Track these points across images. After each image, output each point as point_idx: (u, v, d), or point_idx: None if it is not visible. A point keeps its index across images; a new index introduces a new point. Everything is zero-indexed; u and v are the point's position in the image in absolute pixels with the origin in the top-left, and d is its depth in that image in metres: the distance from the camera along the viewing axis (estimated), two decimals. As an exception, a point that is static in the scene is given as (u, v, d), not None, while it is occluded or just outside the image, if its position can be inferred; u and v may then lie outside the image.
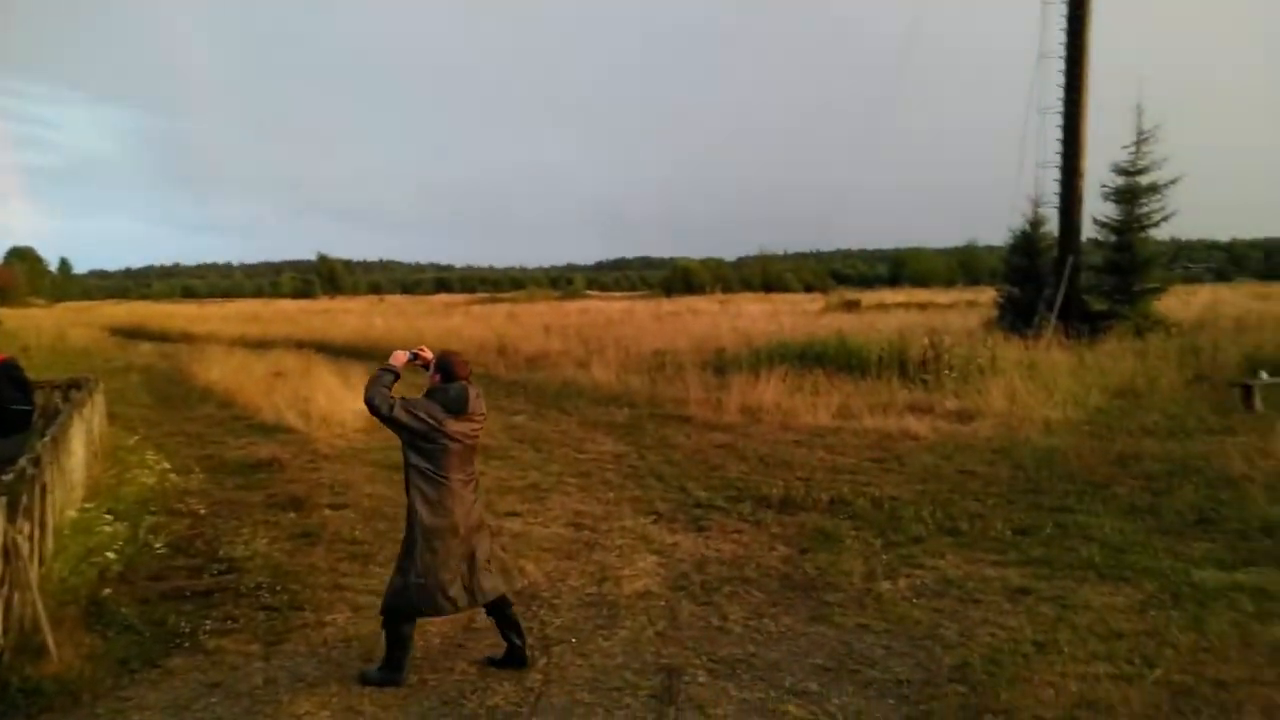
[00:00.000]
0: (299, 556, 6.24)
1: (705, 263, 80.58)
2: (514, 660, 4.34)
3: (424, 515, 4.10)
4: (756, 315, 29.99)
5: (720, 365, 15.36)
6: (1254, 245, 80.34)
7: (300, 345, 21.07)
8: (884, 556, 5.97)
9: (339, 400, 12.38)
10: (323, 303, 66.10)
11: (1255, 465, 7.68)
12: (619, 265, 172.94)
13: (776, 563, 5.95)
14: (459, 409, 4.15)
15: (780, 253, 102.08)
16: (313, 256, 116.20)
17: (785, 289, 67.12)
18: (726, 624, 4.91)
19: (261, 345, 23.73)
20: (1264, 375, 11.47)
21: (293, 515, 7.34)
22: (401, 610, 4.15)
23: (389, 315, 36.76)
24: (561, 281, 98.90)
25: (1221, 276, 60.06)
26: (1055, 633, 4.59)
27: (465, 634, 4.82)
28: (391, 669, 4.22)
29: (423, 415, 4.07)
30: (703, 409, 12.05)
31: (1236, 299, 30.91)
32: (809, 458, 9.21)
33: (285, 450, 9.99)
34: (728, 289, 63.65)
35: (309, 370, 15.43)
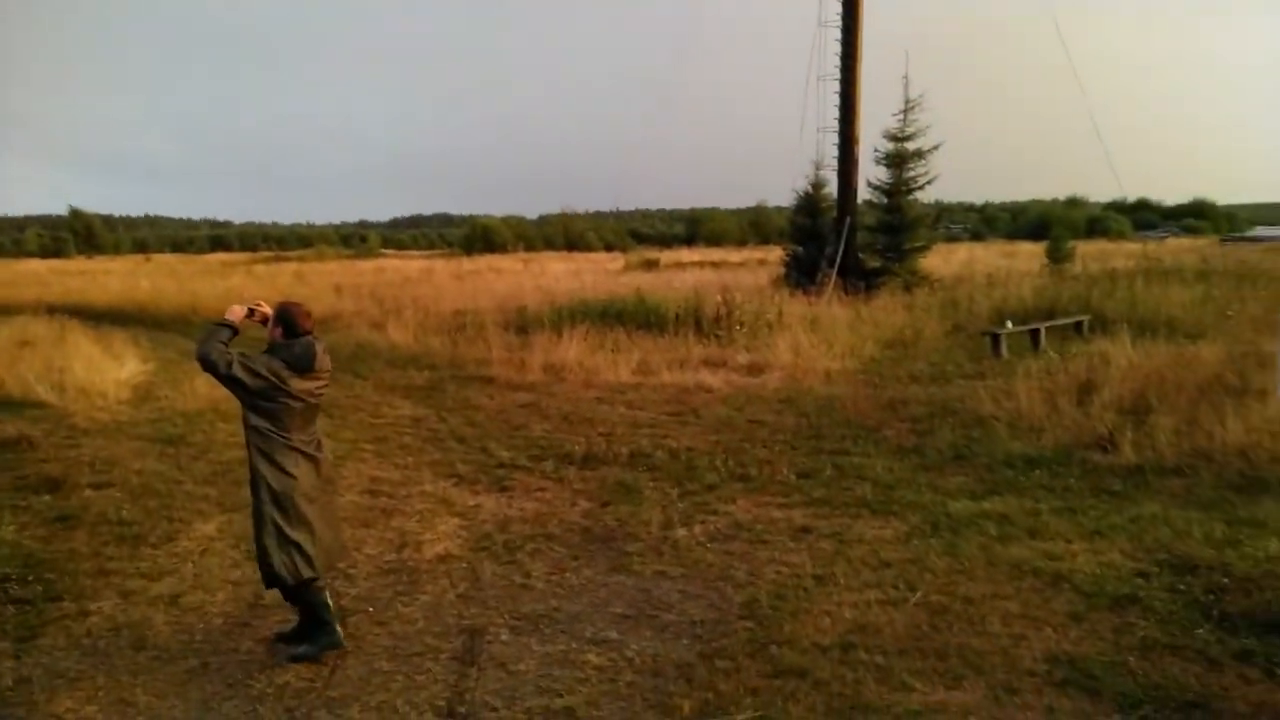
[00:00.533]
0: (56, 543, 5.65)
1: (507, 221, 79.36)
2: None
3: (270, 479, 3.83)
4: (559, 274, 30.03)
5: (523, 325, 15.28)
6: (1003, 207, 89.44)
7: (53, 310, 18.84)
8: (680, 505, 6.21)
9: (101, 369, 11.26)
10: (79, 262, 59.41)
11: (1001, 406, 8.60)
12: (416, 223, 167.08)
13: (578, 517, 6.04)
14: (305, 366, 3.88)
15: (582, 212, 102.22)
16: (64, 211, 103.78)
17: (588, 248, 67.47)
18: (529, 581, 4.95)
19: (2, 311, 21.07)
20: (1009, 324, 12.84)
21: (47, 498, 6.63)
22: (283, 579, 3.88)
23: (157, 276, 33.66)
24: (355, 239, 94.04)
25: (976, 236, 66.45)
26: (833, 566, 4.97)
27: (250, 612, 4.57)
28: (321, 634, 4.00)
29: (264, 373, 3.77)
30: (505, 369, 11.95)
31: (988, 256, 34.34)
32: (610, 414, 9.38)
33: (36, 427, 8.97)
34: (530, 248, 63.16)
35: (63, 338, 13.87)
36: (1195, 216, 78.39)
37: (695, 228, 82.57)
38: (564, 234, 75.09)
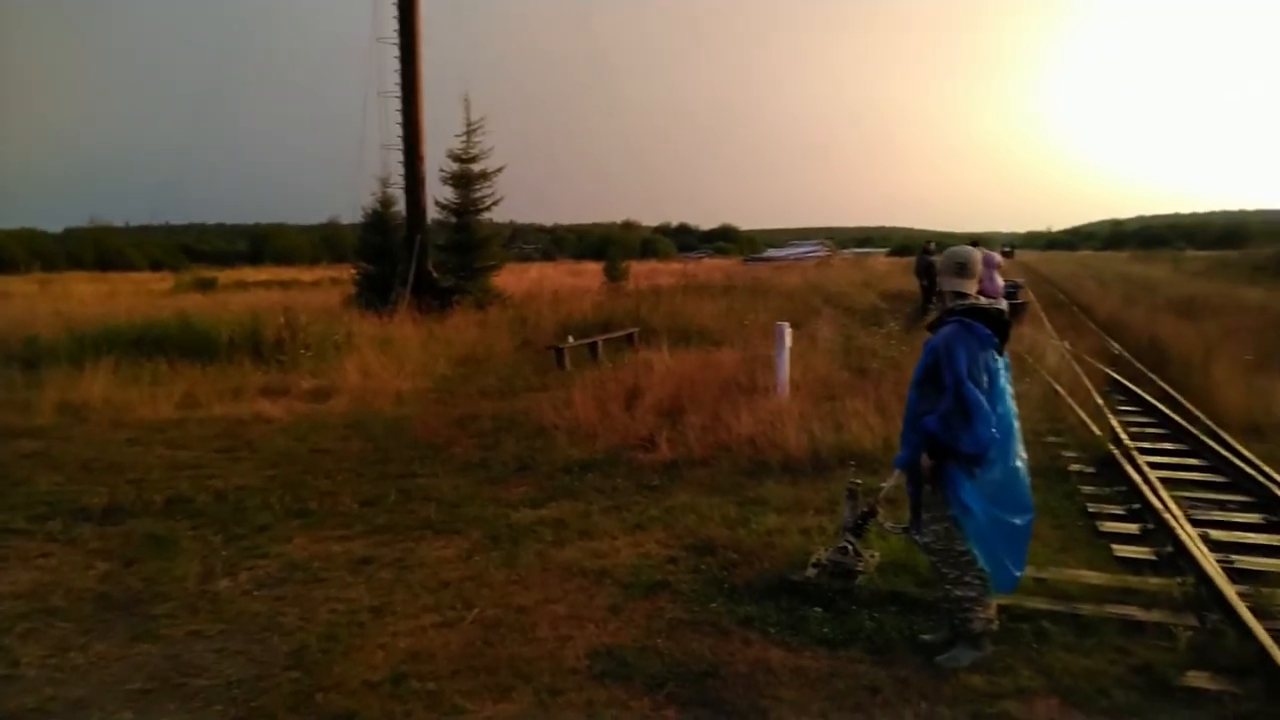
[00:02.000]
0: None
1: (17, 234, 66.48)
2: None
3: None
4: (88, 297, 25.90)
5: (31, 358, 12.84)
6: (571, 229, 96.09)
7: None
8: (224, 552, 5.59)
9: None
10: None
11: (562, 415, 9.10)
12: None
13: (93, 583, 5.15)
14: None
15: (120, 225, 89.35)
16: None
17: (129, 266, 59.11)
18: (17, 670, 4.08)
19: None
20: (570, 339, 13.72)
21: None
22: None
23: None
24: None
25: (547, 256, 70.40)
26: (391, 595, 4.81)
27: None
28: None
29: None
30: (5, 412, 9.93)
31: (557, 275, 36.55)
32: (145, 456, 8.22)
33: None
34: (50, 267, 53.58)
35: None
36: (725, 239, 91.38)
37: (262, 244, 76.70)
38: (95, 250, 64.94)
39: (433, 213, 20.84)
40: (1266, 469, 6.64)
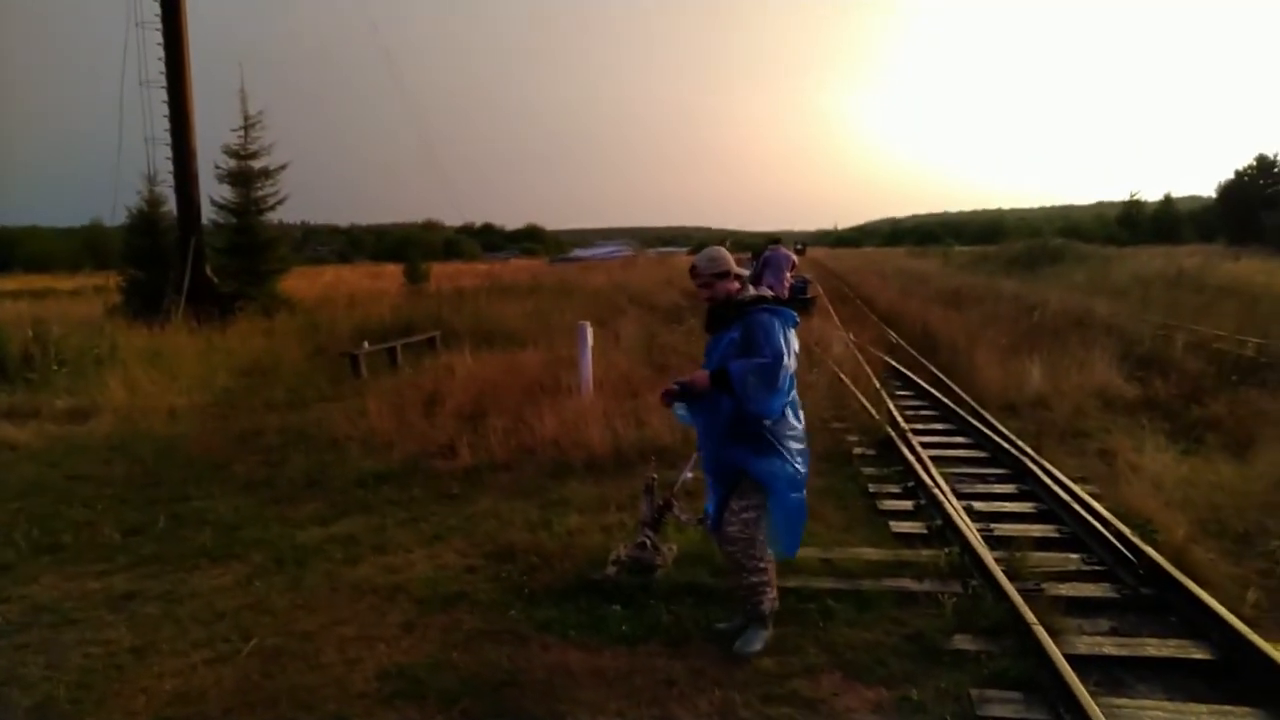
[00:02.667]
0: None
1: None
2: None
3: None
4: None
5: None
6: (369, 230, 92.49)
7: None
8: (-50, 602, 4.88)
9: None
10: None
11: (356, 426, 8.67)
12: None
13: None
14: None
15: None
16: None
17: None
18: None
19: None
20: (366, 345, 13.12)
21: None
22: None
23: None
24: None
25: (344, 258, 67.32)
26: (157, 632, 4.36)
27: None
28: None
29: None
30: None
31: (355, 278, 35.00)
32: None
33: None
34: None
35: None
36: (532, 240, 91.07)
37: (10, 250, 68.38)
38: None
39: (210, 213, 19.34)
40: (1020, 443, 7.34)
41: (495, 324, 15.99)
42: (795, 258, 18.59)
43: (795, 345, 3.83)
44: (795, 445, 3.87)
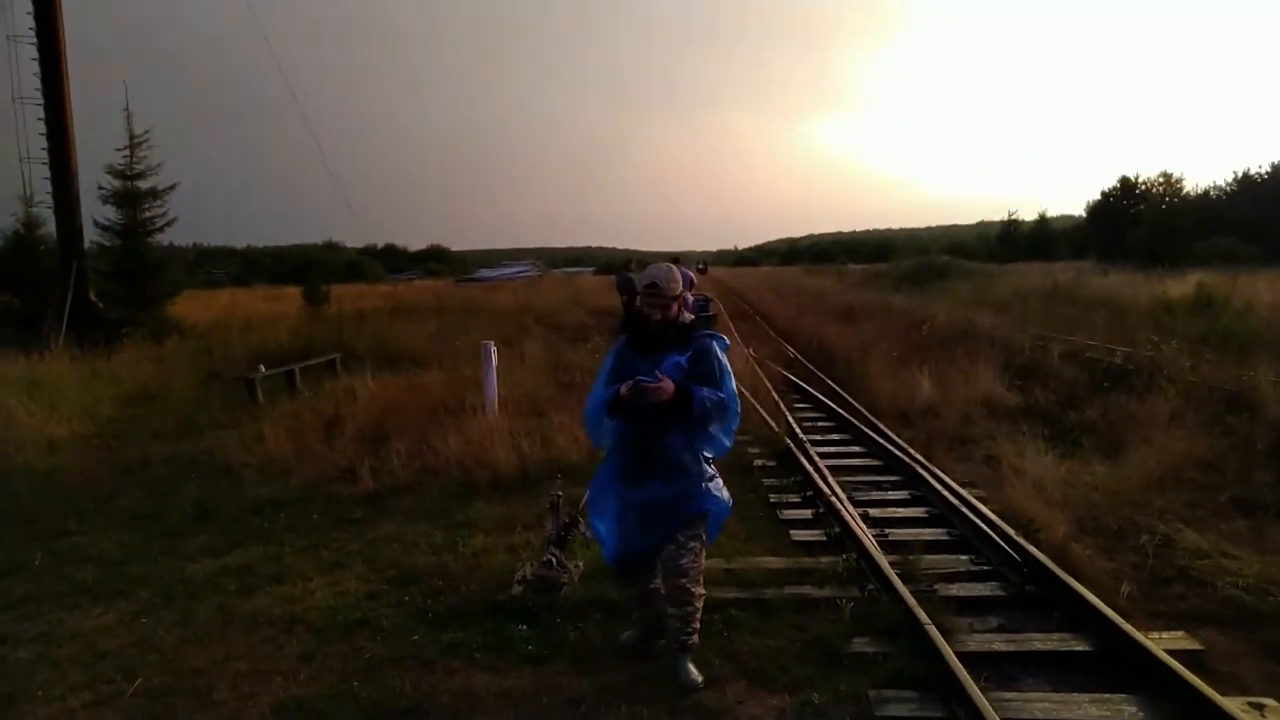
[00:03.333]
0: None
1: None
2: None
3: None
4: None
5: None
6: (266, 252, 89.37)
7: None
8: None
9: None
10: None
11: (252, 452, 8.38)
12: None
13: None
14: None
15: None
16: None
17: None
18: None
19: None
20: (263, 369, 12.69)
21: None
22: None
23: None
24: None
25: (240, 281, 64.87)
26: (31, 678, 4.11)
27: None
28: None
29: None
30: None
31: (252, 301, 33.79)
32: None
33: None
34: None
35: None
36: (436, 260, 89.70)
37: None
38: None
39: (94, 235, 18.40)
40: (912, 451, 7.63)
41: (398, 345, 15.69)
42: (694, 276, 18.90)
43: (729, 370, 3.81)
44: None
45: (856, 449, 8.34)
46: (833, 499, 6.13)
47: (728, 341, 3.86)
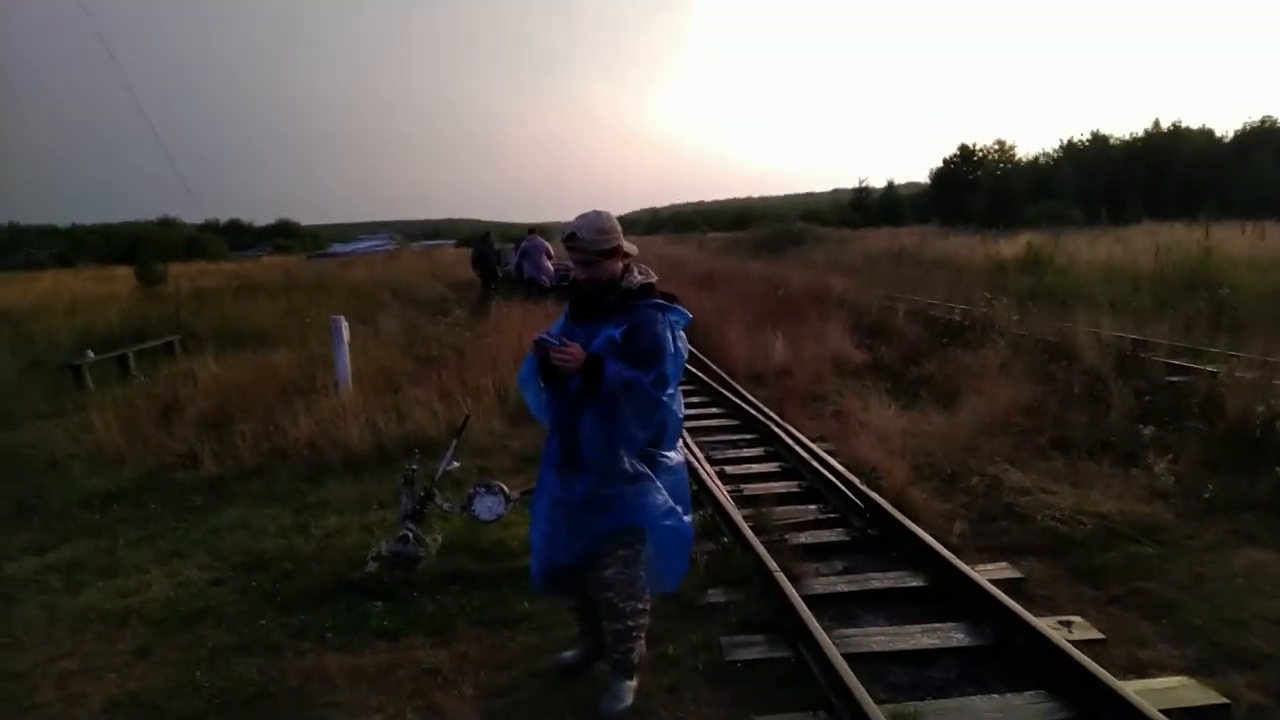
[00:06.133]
0: None
1: None
2: None
3: None
4: None
5: None
6: (94, 230, 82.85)
7: None
8: None
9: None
10: None
11: (79, 442, 7.82)
12: None
13: None
14: None
15: None
16: None
17: None
18: None
19: None
20: (90, 354, 11.79)
21: None
22: None
23: None
24: None
25: (65, 262, 59.94)
26: None
27: None
28: None
29: None
30: None
31: (79, 283, 31.23)
32: None
33: None
34: None
35: None
36: (286, 236, 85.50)
37: None
38: None
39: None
40: (767, 410, 7.88)
41: (243, 325, 14.92)
42: (550, 246, 18.81)
43: (685, 351, 3.24)
44: (668, 461, 3.26)
45: (714, 410, 8.55)
46: (690, 458, 6.26)
47: (688, 315, 3.26)
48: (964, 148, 63.35)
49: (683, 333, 3.20)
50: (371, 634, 4.00)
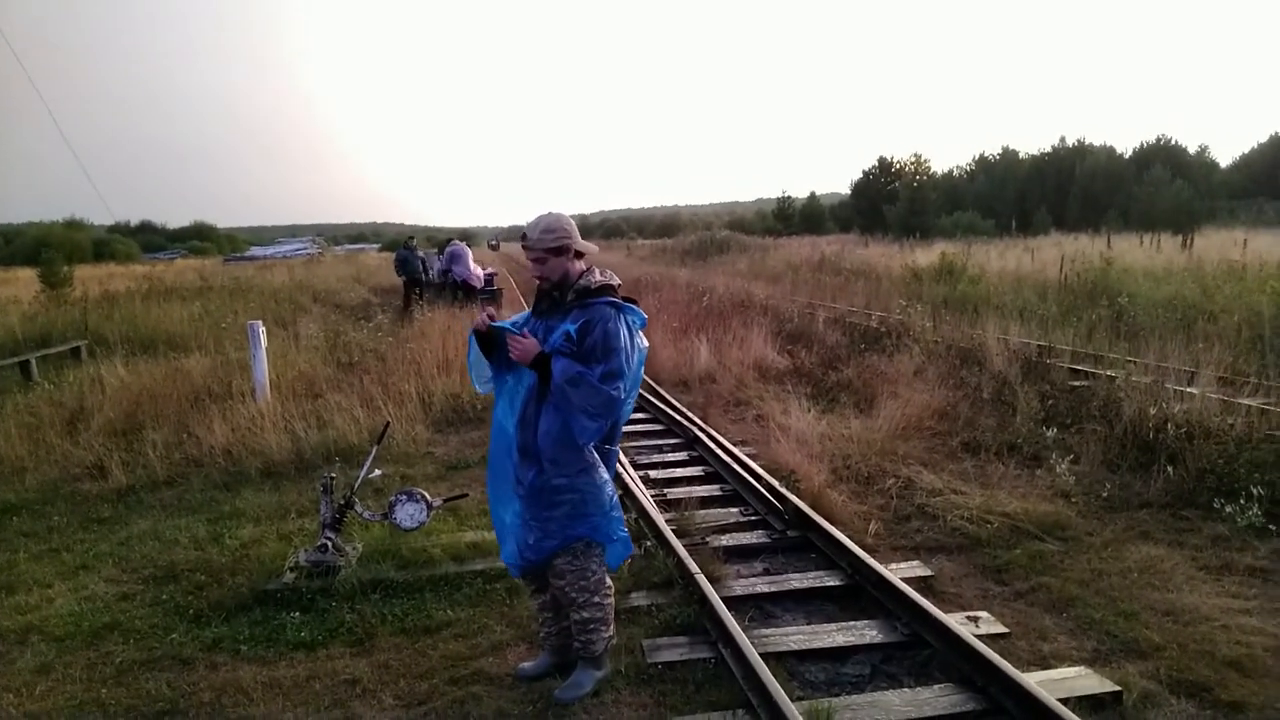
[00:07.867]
0: None
1: None
2: None
3: None
4: None
5: None
6: (-6, 231, 78.81)
7: None
8: None
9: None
10: None
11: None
12: None
13: None
14: None
15: None
16: None
17: None
18: None
19: None
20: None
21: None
22: None
23: None
24: None
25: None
26: None
27: None
28: None
29: None
30: None
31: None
32: None
33: None
34: None
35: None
36: (200, 239, 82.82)
37: None
38: None
39: None
40: (691, 415, 7.98)
41: (155, 330, 14.39)
42: (471, 253, 18.74)
43: (644, 347, 3.35)
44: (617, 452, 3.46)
45: (640, 415, 8.61)
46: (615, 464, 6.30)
47: (644, 315, 3.34)
48: (883, 160, 65.02)
49: (641, 333, 3.32)
50: (288, 645, 3.92)
